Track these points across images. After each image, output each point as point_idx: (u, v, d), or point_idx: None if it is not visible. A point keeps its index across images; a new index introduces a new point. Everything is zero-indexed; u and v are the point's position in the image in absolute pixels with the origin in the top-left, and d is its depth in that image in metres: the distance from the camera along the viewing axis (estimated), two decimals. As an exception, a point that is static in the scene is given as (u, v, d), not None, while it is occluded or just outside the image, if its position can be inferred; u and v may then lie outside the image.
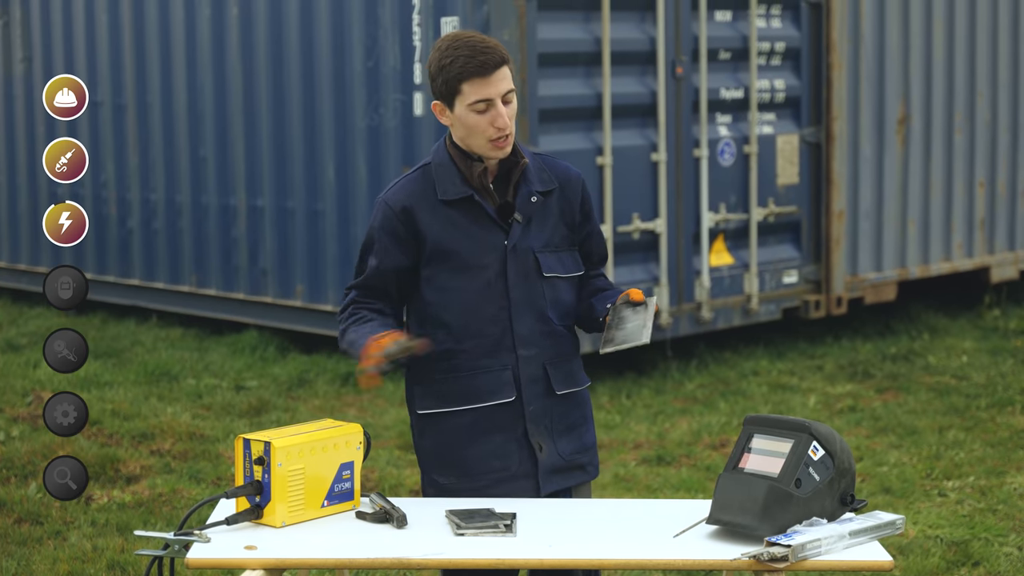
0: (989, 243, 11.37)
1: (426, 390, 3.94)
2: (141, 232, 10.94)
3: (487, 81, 3.78)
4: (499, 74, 3.79)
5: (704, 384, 9.11)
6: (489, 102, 3.79)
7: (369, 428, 7.54)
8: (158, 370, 9.16)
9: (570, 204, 4.00)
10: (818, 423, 3.65)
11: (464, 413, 3.91)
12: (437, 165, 3.91)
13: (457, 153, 3.89)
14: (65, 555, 5.82)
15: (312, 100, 9.58)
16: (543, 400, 3.95)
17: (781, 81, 9.88)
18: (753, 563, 3.41)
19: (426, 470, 4.01)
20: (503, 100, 3.80)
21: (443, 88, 3.82)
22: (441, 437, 3.93)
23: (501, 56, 3.80)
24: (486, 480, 3.91)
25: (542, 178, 3.95)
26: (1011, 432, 7.89)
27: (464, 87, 3.78)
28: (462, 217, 3.88)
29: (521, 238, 3.90)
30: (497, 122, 3.79)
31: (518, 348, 3.91)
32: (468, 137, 3.84)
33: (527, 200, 3.91)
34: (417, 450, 4.03)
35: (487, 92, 3.78)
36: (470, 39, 3.82)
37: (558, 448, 3.96)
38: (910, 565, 5.78)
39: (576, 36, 8.87)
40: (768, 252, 9.91)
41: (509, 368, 3.90)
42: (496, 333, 3.89)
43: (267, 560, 3.46)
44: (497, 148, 3.84)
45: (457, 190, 3.87)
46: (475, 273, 3.88)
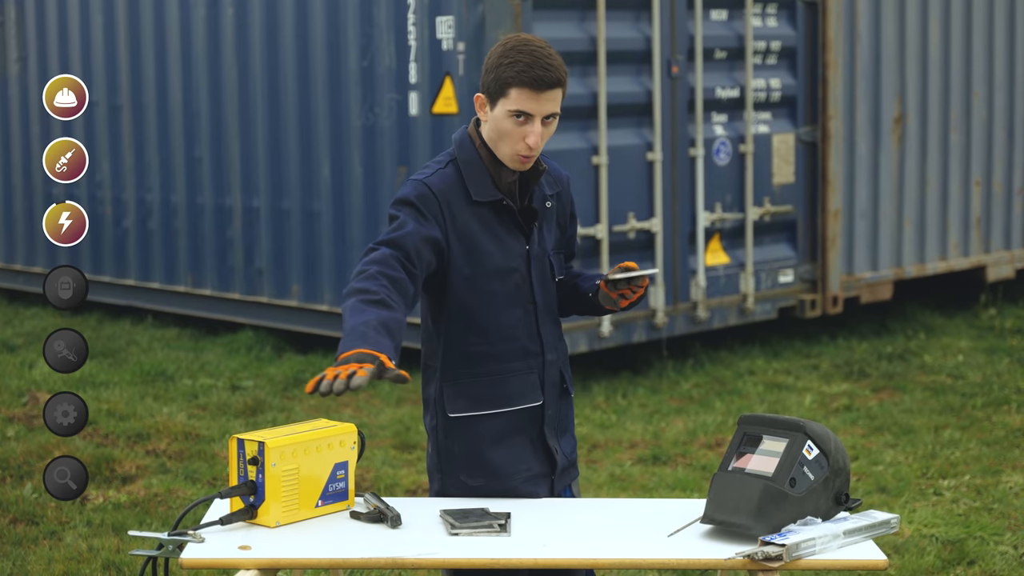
0: (985, 242, 11.38)
1: (459, 392, 3.90)
2: (137, 232, 10.93)
3: (536, 97, 3.73)
4: (550, 94, 3.74)
5: (700, 383, 9.11)
6: (529, 117, 3.75)
7: (364, 428, 7.53)
8: (154, 370, 9.16)
9: (563, 207, 4.03)
10: (812, 422, 3.66)
11: (496, 416, 3.90)
12: (464, 161, 3.86)
13: (487, 155, 3.85)
14: (60, 555, 5.82)
15: (307, 100, 9.58)
16: (557, 403, 3.98)
17: (777, 80, 9.89)
18: (748, 562, 3.41)
19: (450, 471, 3.94)
20: (543, 120, 3.76)
21: (492, 85, 3.77)
22: (472, 439, 3.90)
23: (559, 78, 3.74)
24: (515, 481, 3.91)
25: (549, 181, 3.97)
26: (1007, 431, 7.90)
27: (512, 92, 3.73)
28: (493, 219, 3.87)
29: (539, 243, 3.93)
30: (529, 139, 3.74)
31: (545, 352, 3.93)
32: (497, 140, 3.81)
33: (543, 205, 3.93)
34: (441, 451, 3.94)
35: (531, 107, 3.73)
36: (538, 49, 3.75)
37: (562, 448, 3.99)
38: (905, 564, 5.78)
39: (571, 35, 8.86)
40: (764, 251, 9.91)
41: (536, 372, 3.92)
42: (524, 337, 3.91)
43: (261, 560, 3.45)
44: (519, 163, 3.81)
45: (489, 193, 3.84)
46: (506, 277, 3.87)
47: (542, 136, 3.76)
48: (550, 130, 3.79)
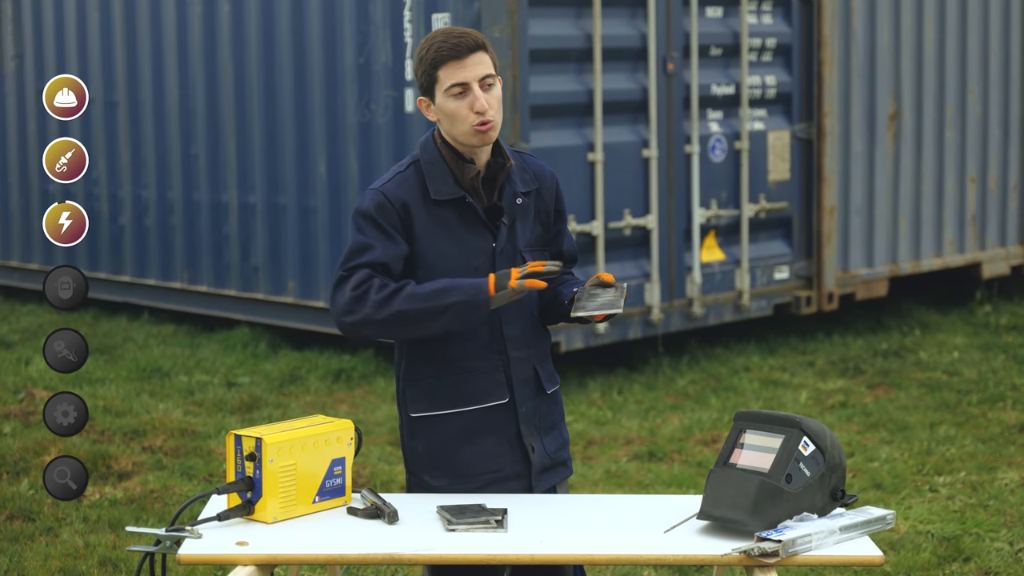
0: (980, 239, 11.39)
1: (419, 392, 3.91)
2: (133, 229, 10.93)
3: (462, 64, 3.75)
4: (474, 58, 3.76)
5: (695, 380, 9.12)
6: (465, 86, 3.76)
7: (360, 424, 7.54)
8: (150, 367, 9.16)
9: (545, 204, 4.00)
10: (809, 419, 3.66)
11: (458, 416, 3.88)
12: (427, 163, 3.88)
13: (449, 153, 3.86)
14: (57, 552, 5.82)
15: (303, 96, 9.58)
16: (533, 400, 3.95)
17: (772, 77, 9.89)
18: (744, 558, 3.42)
19: (415, 471, 3.96)
20: (482, 85, 3.77)
21: (424, 80, 3.81)
22: (434, 439, 3.90)
23: (475, 40, 3.77)
24: (479, 482, 3.90)
25: (524, 178, 3.95)
26: (1002, 428, 7.91)
27: (440, 73, 3.77)
28: (453, 218, 3.86)
29: (507, 240, 3.91)
30: (475, 105, 3.75)
31: (509, 350, 3.90)
32: (452, 128, 3.81)
33: (512, 202, 3.91)
34: (406, 451, 3.98)
35: (463, 75, 3.75)
36: (447, 29, 3.83)
37: (546, 447, 3.97)
38: (901, 560, 5.79)
39: (567, 32, 8.87)
40: (759, 248, 9.91)
41: (501, 370, 3.90)
42: (486, 335, 3.89)
43: (258, 556, 3.46)
44: (480, 134, 3.79)
45: (450, 190, 3.84)
46: (466, 274, 3.85)
47: (488, 102, 3.77)
48: (495, 94, 3.79)
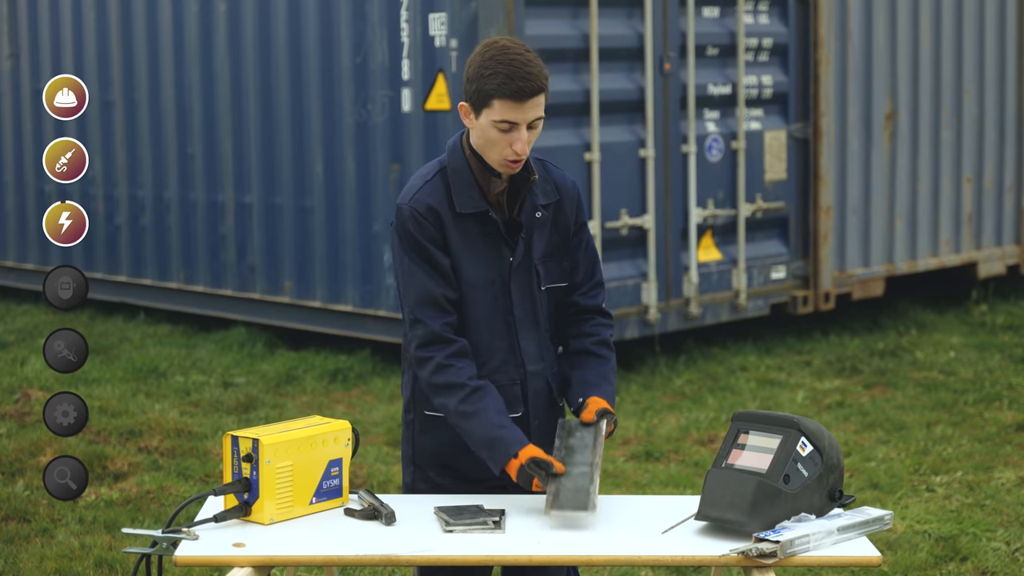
0: (976, 238, 11.39)
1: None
2: (129, 229, 10.92)
3: (519, 107, 3.73)
4: (532, 102, 3.74)
5: (692, 380, 9.11)
6: (514, 125, 3.75)
7: (357, 425, 7.53)
8: (146, 367, 9.15)
9: (565, 215, 3.98)
10: (806, 419, 3.66)
11: None
12: (454, 171, 3.86)
13: (476, 163, 3.85)
14: (53, 553, 5.81)
15: (300, 96, 9.57)
16: (545, 414, 3.96)
17: (769, 77, 9.89)
18: (742, 559, 3.41)
19: (421, 465, 3.96)
20: (529, 126, 3.77)
21: (475, 95, 3.77)
22: (445, 439, 3.90)
23: (539, 85, 3.74)
24: (482, 488, 3.90)
25: (545, 190, 3.94)
26: (999, 427, 7.91)
27: (495, 103, 3.73)
28: (475, 230, 3.86)
29: (523, 254, 3.91)
30: (515, 146, 3.75)
31: (526, 364, 3.92)
32: (485, 149, 3.81)
33: (532, 215, 3.91)
34: (414, 445, 3.97)
35: (515, 116, 3.74)
36: (517, 57, 3.74)
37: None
38: (898, 560, 5.79)
39: (564, 32, 8.86)
40: (756, 248, 9.91)
41: (518, 383, 3.91)
42: (504, 348, 3.90)
43: (255, 557, 3.45)
44: (508, 168, 3.81)
45: (475, 204, 3.84)
46: (485, 287, 3.86)
47: (528, 141, 3.77)
48: (536, 133, 3.80)
